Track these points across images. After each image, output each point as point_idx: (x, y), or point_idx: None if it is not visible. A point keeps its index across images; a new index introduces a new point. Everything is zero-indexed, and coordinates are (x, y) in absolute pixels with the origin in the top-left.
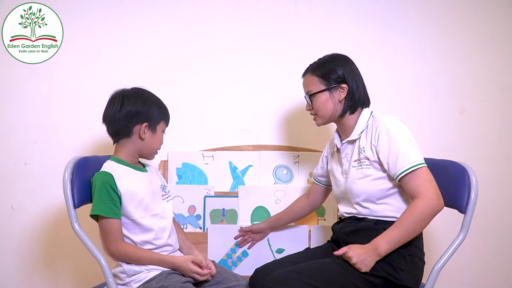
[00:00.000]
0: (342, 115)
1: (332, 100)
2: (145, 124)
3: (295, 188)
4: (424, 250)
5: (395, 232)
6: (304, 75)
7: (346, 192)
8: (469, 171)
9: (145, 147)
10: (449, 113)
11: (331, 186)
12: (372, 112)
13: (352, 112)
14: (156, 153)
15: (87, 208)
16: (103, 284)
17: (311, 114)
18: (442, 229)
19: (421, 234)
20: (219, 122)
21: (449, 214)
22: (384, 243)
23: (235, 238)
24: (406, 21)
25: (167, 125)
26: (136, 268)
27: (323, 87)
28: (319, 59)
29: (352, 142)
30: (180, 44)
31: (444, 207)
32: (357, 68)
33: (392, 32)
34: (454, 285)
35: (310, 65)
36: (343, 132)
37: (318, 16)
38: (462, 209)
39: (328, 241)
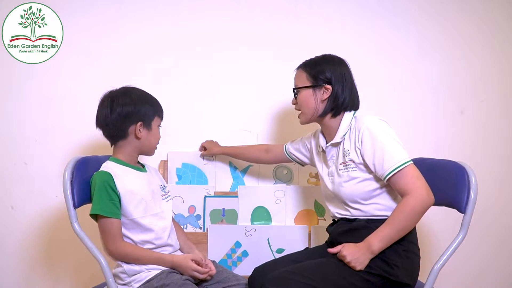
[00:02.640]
0: (323, 115)
1: (314, 98)
2: (139, 123)
3: (295, 188)
4: (424, 250)
5: (388, 230)
6: (296, 69)
7: (334, 194)
8: (468, 171)
9: (143, 145)
10: (449, 113)
11: (295, 162)
12: (354, 113)
13: (334, 115)
14: (156, 148)
15: (87, 208)
16: (103, 284)
17: (296, 109)
18: (442, 229)
19: (414, 229)
20: (219, 122)
21: (448, 214)
22: (377, 241)
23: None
24: (406, 21)
25: (162, 119)
26: (136, 268)
27: (309, 84)
28: (314, 57)
29: (336, 145)
30: (180, 44)
31: (444, 207)
32: (350, 73)
33: (392, 32)
34: (453, 285)
35: (305, 60)
36: (327, 134)
37: (318, 16)
38: (462, 209)
39: (326, 242)
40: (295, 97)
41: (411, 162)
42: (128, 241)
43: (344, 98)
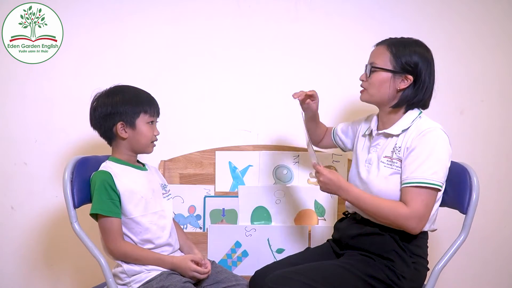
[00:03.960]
0: (394, 106)
1: (390, 84)
2: (120, 123)
3: (295, 188)
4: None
5: (366, 197)
6: (377, 44)
7: (363, 182)
8: (470, 171)
9: (133, 145)
10: (449, 113)
11: (338, 147)
12: (421, 112)
13: (405, 110)
14: (151, 145)
15: (87, 208)
16: (103, 284)
17: (361, 86)
18: (443, 229)
19: (425, 244)
20: (219, 122)
21: (450, 215)
22: (352, 192)
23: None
24: (406, 21)
25: (153, 115)
26: (136, 268)
27: (389, 67)
28: (403, 38)
29: (388, 136)
30: (180, 44)
31: (445, 208)
32: (434, 72)
33: (392, 32)
34: (455, 285)
35: (390, 38)
36: (382, 121)
37: (318, 16)
38: (463, 209)
39: (327, 241)
40: (367, 74)
41: (436, 188)
42: (128, 240)
43: (423, 95)
